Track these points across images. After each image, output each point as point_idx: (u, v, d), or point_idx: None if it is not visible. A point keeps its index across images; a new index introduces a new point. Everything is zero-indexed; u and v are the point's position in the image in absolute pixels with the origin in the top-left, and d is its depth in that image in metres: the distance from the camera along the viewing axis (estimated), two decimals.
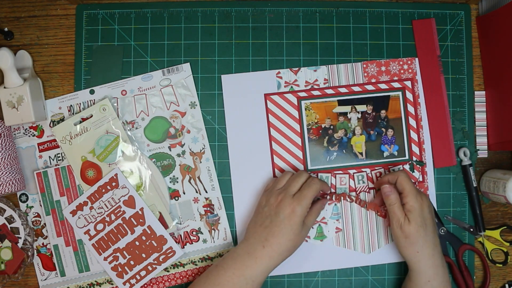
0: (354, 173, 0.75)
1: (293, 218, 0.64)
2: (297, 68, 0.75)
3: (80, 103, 0.74)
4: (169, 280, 0.74)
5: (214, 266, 0.66)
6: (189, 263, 0.74)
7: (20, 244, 0.72)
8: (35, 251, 0.74)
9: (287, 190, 0.67)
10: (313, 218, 0.68)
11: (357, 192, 0.75)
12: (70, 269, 0.74)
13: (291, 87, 0.75)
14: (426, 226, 0.66)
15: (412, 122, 0.75)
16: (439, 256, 0.67)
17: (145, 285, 0.74)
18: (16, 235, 0.72)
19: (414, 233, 0.65)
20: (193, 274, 0.74)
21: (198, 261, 0.74)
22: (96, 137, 0.72)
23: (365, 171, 0.75)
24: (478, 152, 0.76)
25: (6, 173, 0.69)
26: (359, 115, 0.75)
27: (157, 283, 0.74)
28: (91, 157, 0.72)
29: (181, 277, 0.74)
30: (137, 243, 0.72)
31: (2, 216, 0.72)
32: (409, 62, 0.76)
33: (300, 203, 0.65)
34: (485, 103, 0.76)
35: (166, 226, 0.73)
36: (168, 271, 0.74)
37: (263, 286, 0.74)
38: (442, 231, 0.74)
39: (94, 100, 0.74)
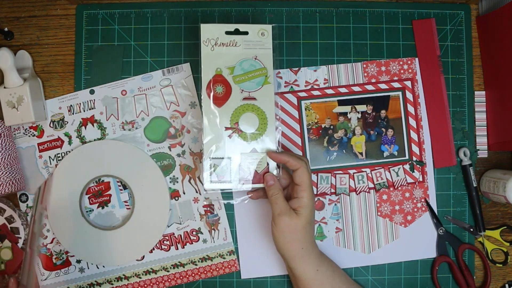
0: (354, 173, 0.75)
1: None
2: (297, 68, 0.75)
3: (80, 103, 0.74)
4: (169, 280, 0.74)
5: None
6: (189, 263, 0.74)
7: (20, 244, 0.72)
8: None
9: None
10: None
11: (357, 192, 0.75)
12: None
13: (291, 87, 0.75)
14: (312, 223, 0.65)
15: (412, 122, 0.75)
16: (317, 246, 0.67)
17: (145, 285, 0.74)
18: (16, 235, 0.72)
19: (301, 229, 0.63)
20: (193, 274, 0.74)
21: (198, 261, 0.74)
22: (242, 56, 0.66)
23: (365, 171, 0.75)
24: (478, 152, 0.76)
25: (6, 173, 0.69)
26: (359, 115, 0.75)
27: (157, 283, 0.74)
28: (227, 73, 0.66)
29: (181, 277, 0.74)
30: None
31: (2, 216, 0.72)
32: (409, 62, 0.76)
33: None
34: (485, 103, 0.76)
35: None
36: (168, 271, 0.74)
37: (263, 286, 0.74)
38: (441, 231, 0.74)
39: (94, 100, 0.74)
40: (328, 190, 0.75)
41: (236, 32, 0.66)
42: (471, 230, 0.75)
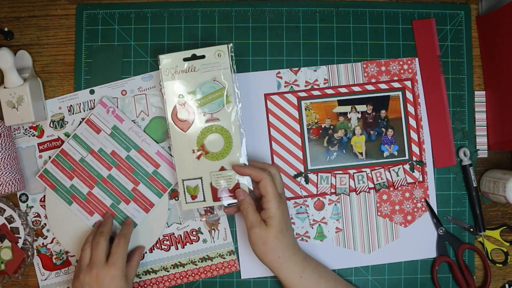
0: (354, 173, 0.75)
1: (115, 282, 0.64)
2: (297, 68, 0.75)
3: (80, 103, 0.74)
4: (169, 280, 0.74)
5: None
6: (189, 263, 0.74)
7: (20, 244, 0.72)
8: (35, 251, 0.74)
9: (96, 262, 0.65)
10: (135, 270, 0.69)
11: (357, 192, 0.75)
12: None
13: (291, 87, 0.75)
14: (285, 230, 0.64)
15: (412, 122, 0.75)
16: (300, 252, 0.66)
17: (145, 285, 0.74)
18: (16, 235, 0.72)
19: (273, 239, 0.63)
20: (193, 274, 0.74)
21: (198, 261, 0.74)
22: (201, 80, 0.68)
23: (365, 171, 0.75)
24: (478, 152, 0.76)
25: (6, 173, 0.69)
26: (359, 115, 0.75)
27: (157, 283, 0.74)
28: (189, 98, 0.69)
29: (181, 277, 0.74)
30: None
31: (2, 216, 0.72)
32: (409, 62, 0.76)
33: (116, 267, 0.65)
34: (485, 103, 0.76)
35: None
36: (168, 271, 0.74)
37: (263, 286, 0.74)
38: (441, 231, 0.74)
39: (94, 100, 0.74)
40: (328, 190, 0.75)
41: (194, 57, 0.68)
42: (471, 230, 0.75)
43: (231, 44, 0.68)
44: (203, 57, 0.68)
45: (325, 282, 0.67)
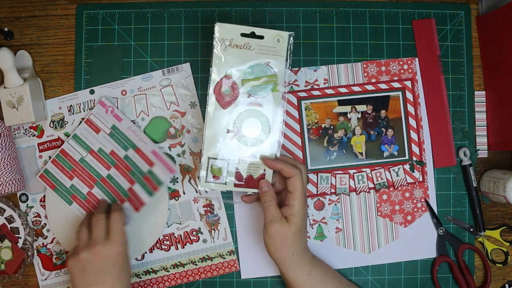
0: (354, 173, 0.75)
1: (119, 259, 0.64)
2: (297, 68, 0.75)
3: (80, 103, 0.74)
4: (169, 280, 0.74)
5: None
6: (189, 263, 0.74)
7: (20, 244, 0.72)
8: (35, 251, 0.74)
9: (97, 239, 0.64)
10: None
11: (357, 192, 0.75)
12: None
13: (291, 87, 0.75)
14: (303, 230, 0.64)
15: (412, 122, 0.75)
16: (309, 251, 0.67)
17: (145, 285, 0.74)
18: (16, 235, 0.72)
19: (291, 237, 0.63)
20: (193, 274, 0.74)
21: (198, 261, 0.74)
22: (254, 61, 0.65)
23: (365, 171, 0.75)
24: (478, 152, 0.76)
25: (6, 173, 0.69)
26: (359, 115, 0.75)
27: (157, 283, 0.74)
28: (237, 76, 0.65)
29: (181, 277, 0.74)
30: None
31: (2, 216, 0.72)
32: (409, 62, 0.76)
33: (119, 243, 0.64)
34: (485, 103, 0.76)
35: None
36: (168, 271, 0.74)
37: (263, 286, 0.74)
38: (441, 231, 0.74)
39: (94, 100, 0.74)
40: (328, 190, 0.75)
41: (252, 35, 0.65)
42: (471, 230, 0.75)
43: (293, 33, 0.65)
44: (261, 37, 0.65)
45: (330, 280, 0.67)
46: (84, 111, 0.74)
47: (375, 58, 0.76)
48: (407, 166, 0.75)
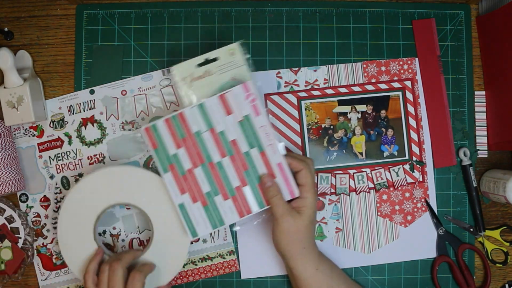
0: (354, 173, 0.75)
1: None
2: (297, 68, 0.75)
3: (80, 103, 0.74)
4: None
5: None
6: (189, 263, 0.74)
7: (20, 244, 0.72)
8: (35, 251, 0.74)
9: None
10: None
11: (357, 192, 0.75)
12: (202, 227, 0.67)
13: (291, 87, 0.75)
14: (314, 222, 0.65)
15: (412, 122, 0.75)
16: (317, 246, 0.67)
17: None
18: (16, 235, 0.72)
19: (304, 229, 0.63)
20: (193, 274, 0.74)
21: (198, 261, 0.74)
22: (220, 82, 0.66)
23: (365, 171, 0.75)
24: (478, 152, 0.76)
25: (6, 173, 0.69)
26: (359, 115, 0.75)
27: None
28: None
29: (181, 277, 0.74)
30: None
31: (2, 216, 0.72)
32: (409, 62, 0.76)
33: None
34: (485, 103, 0.76)
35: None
36: None
37: (263, 286, 0.74)
38: (441, 231, 0.74)
39: (94, 100, 0.74)
40: (328, 190, 0.75)
41: (207, 61, 0.67)
42: (471, 230, 0.75)
43: (242, 41, 0.67)
44: (215, 59, 0.67)
45: (337, 276, 0.68)
46: (84, 111, 0.74)
47: (375, 58, 0.76)
48: (407, 166, 0.75)
